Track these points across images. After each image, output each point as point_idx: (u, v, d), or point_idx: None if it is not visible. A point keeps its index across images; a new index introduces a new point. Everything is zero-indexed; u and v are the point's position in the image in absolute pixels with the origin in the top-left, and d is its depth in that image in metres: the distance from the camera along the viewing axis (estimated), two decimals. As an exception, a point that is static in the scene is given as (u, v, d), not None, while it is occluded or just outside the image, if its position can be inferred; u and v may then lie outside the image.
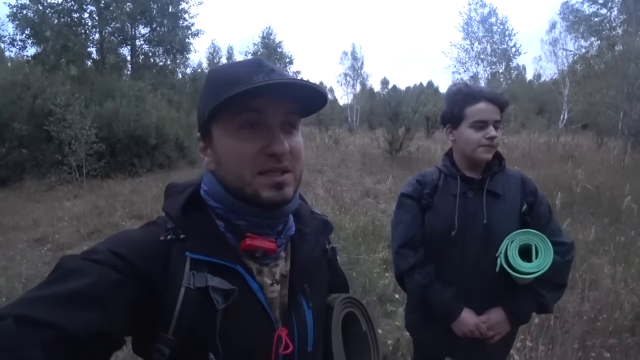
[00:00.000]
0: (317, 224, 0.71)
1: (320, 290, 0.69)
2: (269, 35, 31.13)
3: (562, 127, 16.35)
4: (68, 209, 6.40)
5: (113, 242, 0.53)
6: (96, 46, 14.45)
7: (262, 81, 0.51)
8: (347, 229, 4.42)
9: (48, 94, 9.42)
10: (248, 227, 0.58)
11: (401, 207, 1.32)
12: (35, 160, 9.16)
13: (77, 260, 0.48)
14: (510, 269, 1.10)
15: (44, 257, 4.31)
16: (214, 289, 0.52)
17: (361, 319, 0.72)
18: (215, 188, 0.59)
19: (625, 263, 3.30)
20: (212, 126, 0.57)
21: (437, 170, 1.30)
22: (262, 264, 0.60)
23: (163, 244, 0.54)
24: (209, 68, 3.44)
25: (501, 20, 22.24)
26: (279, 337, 0.57)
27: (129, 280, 0.48)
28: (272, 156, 0.54)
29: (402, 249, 1.28)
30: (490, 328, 1.19)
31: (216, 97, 0.52)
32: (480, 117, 1.17)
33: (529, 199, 1.22)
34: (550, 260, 1.07)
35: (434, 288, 1.22)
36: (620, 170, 6.92)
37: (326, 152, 11.74)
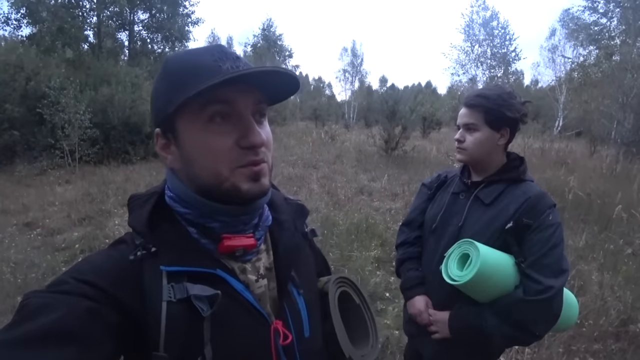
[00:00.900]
0: (292, 210, 0.70)
1: (308, 275, 0.69)
2: (269, 27, 30.89)
3: (556, 133, 16.54)
4: (59, 194, 6.32)
5: (78, 269, 0.49)
6: (93, 30, 14.18)
7: (238, 71, 0.48)
8: (341, 226, 4.43)
9: (42, 76, 9.24)
10: (222, 228, 0.56)
11: (418, 193, 1.47)
12: (27, 143, 9.01)
13: (43, 295, 0.45)
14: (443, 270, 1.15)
15: (33, 242, 4.26)
16: (196, 297, 0.50)
17: (353, 295, 0.76)
18: (182, 192, 0.56)
19: (612, 270, 3.36)
20: (177, 121, 0.52)
21: (458, 170, 1.38)
22: (243, 261, 0.58)
23: (133, 263, 0.51)
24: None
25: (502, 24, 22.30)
26: (276, 330, 0.56)
27: (103, 308, 0.46)
28: (249, 149, 0.52)
29: (403, 226, 1.46)
30: (433, 322, 1.24)
31: (181, 89, 0.48)
32: (458, 121, 1.25)
33: (524, 220, 1.08)
34: (471, 275, 1.02)
35: (406, 265, 1.37)
36: (612, 179, 7.02)
37: (322, 148, 11.71)
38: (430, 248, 1.32)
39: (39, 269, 3.43)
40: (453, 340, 1.19)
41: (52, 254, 3.89)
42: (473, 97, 1.20)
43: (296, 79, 0.53)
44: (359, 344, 0.71)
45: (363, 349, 0.70)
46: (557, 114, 18.10)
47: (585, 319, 2.59)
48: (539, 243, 1.06)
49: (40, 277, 3.24)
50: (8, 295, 2.91)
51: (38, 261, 3.63)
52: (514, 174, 1.18)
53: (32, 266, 3.51)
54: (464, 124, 1.21)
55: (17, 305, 0.45)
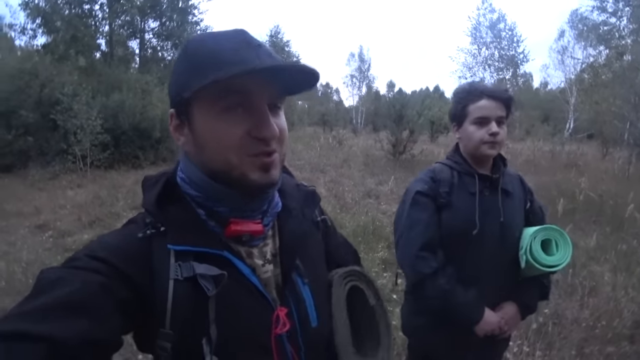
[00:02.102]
0: (302, 197, 0.69)
1: (316, 265, 0.67)
2: (277, 33, 31.21)
3: (567, 135, 16.29)
4: (70, 197, 6.44)
5: (91, 247, 0.51)
6: (105, 38, 14.51)
7: (258, 64, 0.48)
8: (348, 228, 4.42)
9: (56, 84, 9.50)
10: (230, 213, 0.56)
11: (416, 205, 1.23)
12: (40, 148, 9.23)
13: (57, 270, 0.47)
14: (537, 263, 1.15)
15: (44, 244, 4.35)
16: (202, 277, 0.50)
17: (367, 293, 0.68)
18: (193, 174, 0.56)
19: (626, 271, 3.28)
20: (192, 105, 0.52)
21: (446, 167, 1.26)
22: (250, 246, 0.58)
23: (142, 241, 0.52)
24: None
25: (510, 26, 22.17)
26: (277, 317, 0.56)
27: (114, 283, 0.47)
28: (261, 140, 0.52)
29: (422, 251, 1.19)
30: (507, 322, 1.21)
31: (200, 75, 0.48)
32: (482, 113, 1.17)
33: (529, 197, 1.29)
34: (570, 252, 1.15)
35: (457, 292, 1.17)
36: (625, 180, 6.89)
37: (329, 152, 11.74)
38: (473, 257, 1.19)
39: (49, 270, 3.49)
40: None
41: (63, 255, 3.96)
42: (501, 91, 1.21)
43: (316, 75, 0.52)
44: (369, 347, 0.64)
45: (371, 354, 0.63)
46: (567, 116, 17.85)
47: (598, 321, 2.52)
48: (539, 210, 1.30)
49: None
50: (19, 293, 2.96)
51: (49, 262, 3.70)
52: (506, 162, 1.29)
53: (43, 267, 3.53)
54: (497, 117, 1.17)
55: None
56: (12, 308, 0.43)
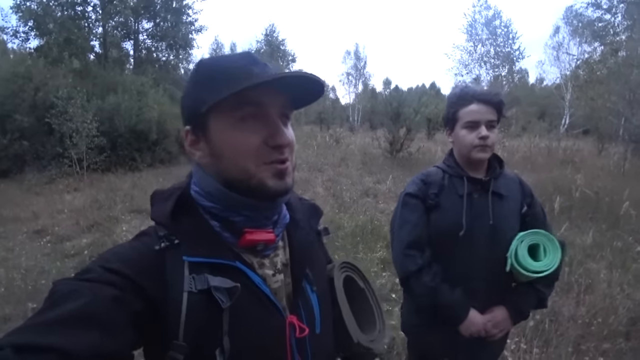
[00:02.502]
0: (306, 209, 0.73)
1: (321, 273, 0.71)
2: (272, 32, 31.11)
3: (563, 131, 16.37)
4: (68, 201, 6.41)
5: (105, 258, 0.52)
6: (99, 40, 14.42)
7: (273, 74, 0.51)
8: (346, 228, 4.43)
9: (50, 87, 9.42)
10: (244, 222, 0.58)
11: (406, 206, 1.30)
12: (36, 152, 9.17)
13: (71, 282, 0.47)
14: (521, 267, 1.14)
15: (43, 249, 4.33)
16: (216, 289, 0.52)
17: (357, 279, 0.76)
18: (209, 186, 0.58)
19: (621, 268, 3.31)
20: (208, 119, 0.55)
21: (440, 171, 1.31)
22: (262, 256, 0.60)
23: (157, 253, 0.53)
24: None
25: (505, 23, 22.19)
26: (292, 324, 0.58)
27: (128, 295, 0.48)
28: (276, 148, 0.55)
29: (408, 249, 1.25)
30: (495, 326, 1.22)
31: (215, 89, 0.52)
32: (472, 117, 1.19)
33: (527, 200, 1.27)
34: (559, 258, 1.13)
35: (442, 290, 1.21)
36: (620, 176, 6.94)
37: (327, 151, 11.73)
38: (460, 259, 1.22)
39: (49, 276, 3.48)
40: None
41: (62, 260, 3.95)
42: (492, 94, 1.21)
43: (322, 87, 0.56)
44: (365, 328, 0.71)
45: (370, 334, 0.70)
46: (563, 112, 17.93)
47: (594, 318, 2.55)
48: (540, 214, 1.27)
49: (51, 283, 3.28)
50: (19, 301, 2.96)
51: (48, 268, 3.69)
52: (503, 164, 1.28)
53: (42, 273, 3.57)
54: (487, 121, 1.19)
55: (28, 311, 0.47)
56: (26, 321, 0.44)
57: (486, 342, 1.24)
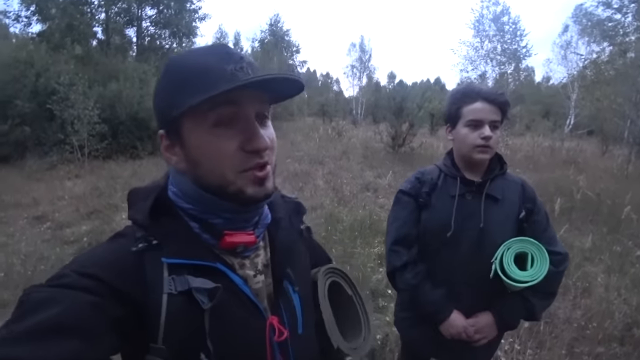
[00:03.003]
0: (289, 208, 0.71)
1: (304, 273, 0.70)
2: (276, 23, 30.85)
3: (567, 131, 16.24)
4: (68, 188, 6.43)
5: (79, 262, 0.49)
6: (102, 26, 14.31)
7: (246, 79, 0.48)
8: (345, 222, 4.43)
9: (52, 73, 9.39)
10: (224, 225, 0.57)
11: (398, 203, 1.31)
12: (37, 138, 9.18)
13: (43, 289, 0.45)
14: (505, 275, 1.10)
15: (43, 235, 4.36)
16: (197, 290, 0.50)
17: (344, 285, 0.75)
18: (187, 188, 0.56)
19: (619, 272, 3.31)
20: (182, 122, 0.52)
21: (437, 169, 1.29)
22: (243, 257, 0.59)
23: (135, 255, 0.51)
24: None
25: (513, 19, 21.87)
26: (271, 325, 0.57)
27: (104, 301, 0.46)
28: (253, 152, 0.52)
29: (395, 245, 1.27)
30: (478, 331, 1.20)
31: (187, 92, 0.49)
32: (475, 116, 1.16)
33: (527, 206, 1.21)
34: (546, 270, 1.08)
35: (424, 288, 1.22)
36: (623, 179, 6.90)
37: (328, 144, 11.70)
38: (446, 259, 1.21)
39: (48, 261, 3.51)
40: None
41: (61, 246, 3.98)
42: (498, 94, 1.18)
43: (301, 84, 0.54)
44: (350, 336, 0.70)
45: (354, 342, 0.69)
46: (568, 112, 17.76)
47: (590, 321, 2.55)
48: (542, 221, 1.21)
49: (49, 269, 3.32)
50: (18, 286, 2.98)
51: (47, 254, 3.72)
52: (505, 166, 1.24)
53: (42, 259, 3.60)
54: (491, 121, 1.16)
55: None
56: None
57: (472, 346, 1.22)
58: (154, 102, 0.56)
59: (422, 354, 1.43)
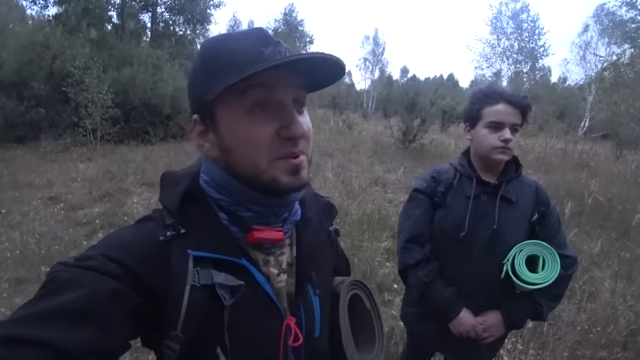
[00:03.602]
0: (321, 208, 0.69)
1: (326, 276, 0.69)
2: (290, 12, 30.58)
3: (581, 134, 15.95)
4: (81, 171, 6.54)
5: (107, 245, 0.50)
6: (117, 10, 14.35)
7: (284, 57, 0.46)
8: (353, 215, 4.45)
9: (67, 56, 9.45)
10: (253, 218, 0.56)
11: (412, 201, 1.32)
12: (51, 120, 9.29)
13: (70, 270, 0.45)
14: (515, 277, 1.12)
15: (56, 216, 4.46)
16: (220, 286, 0.50)
17: (364, 299, 0.74)
18: (220, 177, 0.55)
19: (627, 279, 3.29)
20: (216, 108, 0.51)
21: (452, 169, 1.30)
22: (268, 253, 0.59)
23: (162, 244, 0.51)
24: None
25: (533, 17, 21.37)
26: (288, 327, 0.57)
27: (128, 288, 0.46)
28: (289, 139, 0.50)
29: (408, 243, 1.28)
30: (486, 330, 1.23)
31: (222, 76, 0.47)
32: (496, 118, 1.15)
33: (540, 209, 1.22)
34: (556, 274, 1.10)
35: (435, 286, 1.24)
36: (636, 185, 6.78)
37: (338, 136, 11.65)
38: (459, 258, 1.23)
39: (61, 242, 3.60)
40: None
41: (74, 227, 4.07)
42: (521, 97, 1.16)
43: (342, 66, 0.50)
44: (363, 348, 0.70)
45: (367, 354, 0.70)
46: (583, 114, 17.42)
47: (594, 325, 2.56)
48: (553, 225, 1.22)
49: (63, 249, 3.41)
50: (33, 264, 3.08)
51: (61, 234, 3.81)
52: (520, 169, 1.24)
53: (55, 239, 3.69)
54: (512, 124, 1.15)
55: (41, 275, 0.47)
56: (20, 308, 0.42)
57: (477, 344, 1.25)
58: (188, 87, 0.55)
59: (427, 349, 1.47)
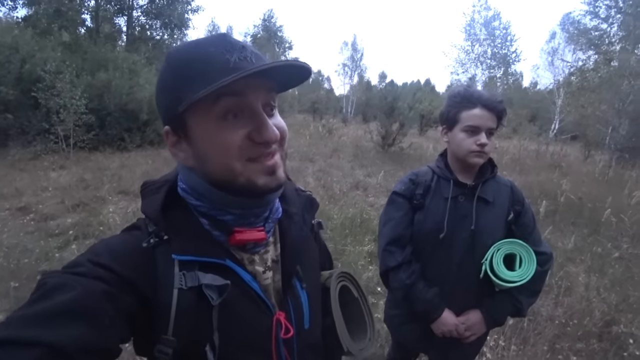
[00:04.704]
0: (302, 202, 0.70)
1: (312, 269, 0.70)
2: (269, 18, 30.60)
3: (552, 136, 16.67)
4: (53, 179, 6.26)
5: (95, 252, 0.50)
6: (91, 13, 13.93)
7: (252, 68, 0.47)
8: (335, 220, 4.45)
9: (38, 60, 9.07)
10: (234, 221, 0.57)
11: (392, 204, 1.33)
12: (20, 127, 8.87)
13: (60, 275, 0.46)
14: (494, 275, 1.15)
15: (26, 227, 4.23)
16: (207, 287, 0.51)
17: (352, 289, 0.78)
18: (196, 184, 0.56)
19: (599, 273, 3.43)
20: (187, 117, 0.51)
21: (430, 171, 1.32)
22: (252, 252, 0.60)
23: (147, 250, 0.52)
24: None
25: (504, 24, 22.28)
26: (278, 321, 0.58)
27: (117, 291, 0.47)
28: (262, 143, 0.51)
29: (389, 246, 1.29)
30: (468, 329, 1.25)
31: (191, 86, 0.47)
32: (473, 122, 1.17)
33: (516, 208, 1.25)
34: (533, 271, 1.13)
35: (417, 287, 1.25)
36: (604, 183, 7.12)
37: (319, 141, 11.69)
38: (439, 260, 1.25)
39: (32, 254, 3.41)
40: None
41: (46, 239, 3.87)
42: (497, 102, 1.18)
43: (308, 70, 0.51)
44: (356, 336, 0.73)
45: (360, 342, 0.72)
46: (553, 117, 18.23)
47: (571, 319, 2.65)
48: (529, 223, 1.25)
49: (34, 262, 3.23)
50: (1, 279, 2.90)
51: (31, 246, 3.61)
52: (496, 169, 1.27)
53: (25, 251, 3.49)
54: (488, 128, 1.17)
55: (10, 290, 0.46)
56: (13, 312, 0.43)
57: (460, 342, 1.27)
58: (157, 98, 0.55)
59: (412, 350, 1.48)
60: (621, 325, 2.60)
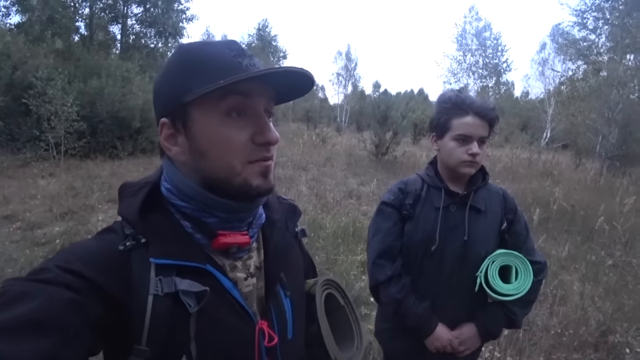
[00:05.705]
0: (285, 210, 0.70)
1: (296, 277, 0.69)
2: (264, 27, 30.89)
3: (544, 144, 16.90)
4: (42, 187, 6.15)
5: (64, 257, 0.47)
6: (85, 21, 13.94)
7: (266, 69, 0.49)
8: (328, 229, 4.41)
9: (29, 66, 9.00)
10: (218, 224, 0.55)
11: (380, 215, 1.27)
12: (10, 133, 8.75)
13: (23, 283, 0.43)
14: (489, 289, 1.11)
15: (12, 236, 4.13)
16: (184, 293, 0.49)
17: (338, 296, 0.76)
18: (183, 184, 0.54)
19: (594, 281, 3.43)
20: (191, 110, 0.51)
21: (420, 180, 1.26)
22: (235, 258, 0.58)
23: (122, 254, 0.49)
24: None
25: (495, 35, 22.72)
26: (261, 331, 0.55)
27: (86, 299, 0.44)
28: (263, 145, 0.52)
29: (379, 259, 1.23)
30: (462, 343, 1.20)
31: (203, 79, 0.48)
32: (465, 131, 1.12)
33: (509, 217, 1.21)
34: (530, 283, 1.09)
35: (408, 302, 1.19)
36: (596, 191, 7.18)
37: (312, 150, 11.70)
38: (430, 271, 1.19)
39: (16, 264, 3.32)
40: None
41: (32, 248, 3.77)
42: (489, 109, 1.14)
43: (311, 83, 0.54)
44: (343, 345, 0.70)
45: (348, 351, 0.70)
46: (545, 125, 18.52)
47: (566, 329, 2.62)
48: (522, 232, 1.22)
49: (18, 272, 3.14)
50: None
51: (16, 255, 3.52)
52: (487, 177, 1.24)
53: (10, 260, 3.40)
54: (480, 137, 1.13)
55: None
56: None
57: (454, 357, 1.22)
58: (158, 88, 0.54)
59: None
60: (617, 335, 2.58)
